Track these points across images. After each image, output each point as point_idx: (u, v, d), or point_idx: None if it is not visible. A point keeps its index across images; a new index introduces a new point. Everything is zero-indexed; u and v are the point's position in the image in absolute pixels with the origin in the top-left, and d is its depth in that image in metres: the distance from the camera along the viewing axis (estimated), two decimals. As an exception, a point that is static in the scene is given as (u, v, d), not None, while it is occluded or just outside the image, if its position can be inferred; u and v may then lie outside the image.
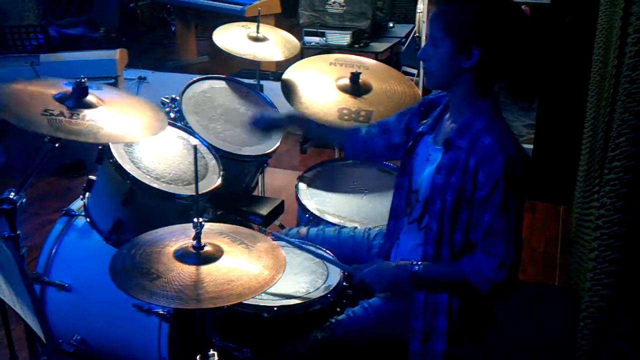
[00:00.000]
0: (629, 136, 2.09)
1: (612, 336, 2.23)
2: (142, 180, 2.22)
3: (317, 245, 2.19)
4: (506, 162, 1.75)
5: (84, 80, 2.16)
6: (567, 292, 3.02)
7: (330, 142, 2.37)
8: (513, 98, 1.91)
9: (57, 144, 2.14)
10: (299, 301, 1.97)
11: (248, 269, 1.75)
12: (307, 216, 2.47)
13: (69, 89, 2.17)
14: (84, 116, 2.11)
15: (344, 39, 4.67)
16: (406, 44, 5.00)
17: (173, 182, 2.30)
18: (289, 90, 2.79)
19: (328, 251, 2.16)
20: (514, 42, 1.80)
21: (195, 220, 1.75)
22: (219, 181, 2.40)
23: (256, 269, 1.75)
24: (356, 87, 2.79)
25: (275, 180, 3.66)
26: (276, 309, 1.94)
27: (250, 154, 2.69)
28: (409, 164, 2.03)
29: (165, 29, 6.56)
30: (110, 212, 2.30)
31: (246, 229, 1.98)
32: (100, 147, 2.27)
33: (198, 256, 1.75)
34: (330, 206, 2.53)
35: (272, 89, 3.53)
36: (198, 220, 1.75)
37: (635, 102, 2.05)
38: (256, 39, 3.06)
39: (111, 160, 2.23)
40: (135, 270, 1.71)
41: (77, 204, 2.51)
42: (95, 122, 2.10)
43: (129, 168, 2.24)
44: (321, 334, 1.91)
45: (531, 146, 4.01)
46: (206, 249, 1.77)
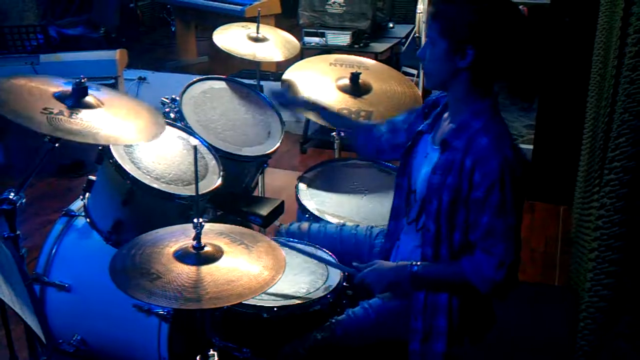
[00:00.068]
0: (629, 136, 2.09)
1: (612, 336, 2.23)
2: (142, 180, 2.22)
3: (318, 244, 2.20)
4: (503, 164, 1.75)
5: (83, 80, 2.16)
6: (567, 292, 3.02)
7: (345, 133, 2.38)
8: (512, 98, 1.91)
9: (57, 144, 2.14)
10: (298, 301, 1.96)
11: (248, 269, 1.75)
12: (307, 216, 2.47)
13: (68, 88, 2.17)
14: (84, 116, 2.11)
15: (344, 39, 4.66)
16: (406, 45, 5.00)
17: (173, 182, 2.30)
18: (288, 91, 2.79)
19: (330, 252, 2.16)
20: (509, 42, 1.80)
21: (195, 220, 1.75)
22: (219, 181, 2.40)
23: (256, 270, 1.75)
24: (356, 88, 2.79)
25: (275, 181, 3.66)
26: (276, 309, 1.94)
27: (250, 154, 2.69)
28: (408, 163, 2.03)
29: (165, 29, 6.56)
30: (110, 213, 2.30)
31: (246, 229, 1.98)
32: (100, 148, 2.27)
33: (198, 256, 1.75)
34: (330, 206, 2.53)
35: (272, 89, 3.53)
36: (198, 220, 1.75)
37: (635, 103, 2.05)
38: (256, 40, 3.06)
39: (111, 161, 2.23)
40: (135, 271, 1.71)
41: (77, 204, 2.50)
42: (94, 123, 2.10)
43: (129, 168, 2.24)
44: (321, 334, 1.91)
45: (531, 146, 4.01)
46: (206, 249, 1.76)
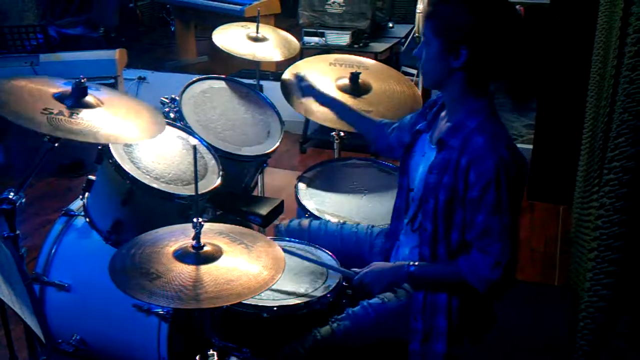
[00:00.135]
0: (629, 136, 2.08)
1: (612, 336, 2.22)
2: (141, 180, 2.22)
3: (319, 242, 2.20)
4: (498, 163, 1.75)
5: (83, 80, 2.16)
6: (566, 292, 3.02)
7: (357, 129, 2.40)
8: (511, 99, 1.91)
9: (57, 144, 2.14)
10: (298, 301, 1.96)
11: (247, 269, 1.75)
12: (306, 216, 2.47)
13: (68, 88, 2.17)
14: (84, 116, 2.11)
15: (344, 39, 4.66)
16: (406, 44, 5.00)
17: (172, 182, 2.30)
18: (288, 91, 2.79)
19: (329, 252, 2.17)
20: (504, 42, 1.79)
21: (194, 220, 1.75)
22: (218, 181, 2.40)
23: (256, 269, 1.75)
24: (356, 87, 2.79)
25: (275, 180, 3.66)
26: (276, 309, 1.94)
27: (250, 154, 2.69)
28: (406, 162, 2.03)
29: (165, 29, 6.56)
30: (109, 212, 2.30)
31: (246, 229, 1.97)
32: (99, 147, 2.27)
33: (197, 256, 1.75)
34: (330, 206, 2.53)
35: (271, 89, 3.53)
36: (197, 220, 1.75)
37: (634, 103, 2.05)
38: (256, 39, 3.06)
39: (111, 161, 2.23)
40: (134, 270, 1.71)
41: (77, 204, 2.51)
42: (95, 122, 2.10)
43: (129, 168, 2.24)
44: (321, 334, 1.91)
45: (531, 146, 4.01)
46: (206, 249, 1.76)
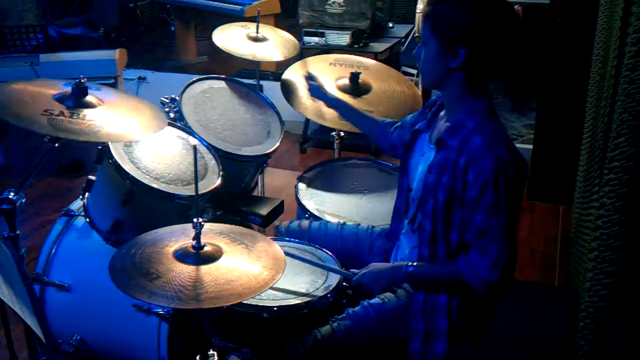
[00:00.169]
0: (629, 136, 2.08)
1: (612, 336, 2.22)
2: (141, 180, 2.22)
3: (319, 242, 2.20)
4: (496, 163, 1.75)
5: (83, 80, 2.16)
6: (566, 292, 3.02)
7: (360, 129, 2.41)
8: (511, 99, 1.91)
9: (57, 144, 2.14)
10: (298, 301, 1.96)
11: (248, 269, 1.74)
12: (306, 216, 2.47)
13: (68, 89, 2.17)
14: (84, 116, 2.11)
15: (344, 39, 4.66)
16: (406, 44, 4.99)
17: (172, 182, 2.30)
18: (288, 91, 2.79)
19: (329, 252, 2.17)
20: (502, 42, 1.79)
21: (194, 220, 1.75)
22: (218, 181, 2.40)
23: (256, 269, 1.75)
24: (356, 87, 2.79)
25: (275, 181, 3.66)
26: (276, 309, 1.94)
27: (250, 154, 2.69)
28: (406, 162, 2.03)
29: (165, 29, 6.55)
30: (109, 212, 2.30)
31: (246, 229, 1.97)
32: (99, 147, 2.27)
33: (198, 256, 1.74)
34: (330, 206, 2.53)
35: (271, 89, 3.53)
36: (198, 220, 1.75)
37: (634, 103, 2.05)
38: (256, 39, 3.06)
39: (111, 161, 2.23)
40: (134, 270, 1.71)
41: (77, 204, 2.51)
42: (96, 121, 2.10)
43: (129, 168, 2.24)
44: (321, 334, 1.91)
45: (531, 146, 4.01)
46: (206, 249, 1.76)
